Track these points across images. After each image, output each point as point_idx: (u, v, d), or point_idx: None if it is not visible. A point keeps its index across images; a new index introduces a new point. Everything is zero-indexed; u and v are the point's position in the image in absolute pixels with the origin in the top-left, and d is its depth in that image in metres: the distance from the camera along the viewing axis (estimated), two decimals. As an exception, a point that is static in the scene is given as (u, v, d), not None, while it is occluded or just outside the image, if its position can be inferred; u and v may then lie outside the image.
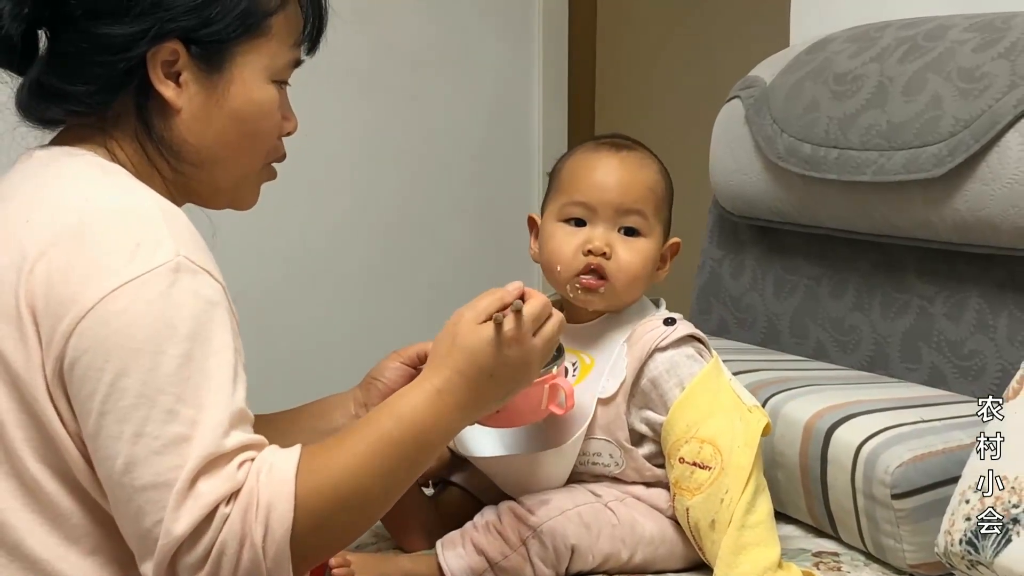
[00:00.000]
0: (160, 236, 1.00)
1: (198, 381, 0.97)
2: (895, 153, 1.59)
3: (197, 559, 0.96)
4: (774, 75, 1.85)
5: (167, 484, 0.95)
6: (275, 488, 0.98)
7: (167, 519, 0.95)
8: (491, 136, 3.02)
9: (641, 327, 1.39)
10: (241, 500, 0.97)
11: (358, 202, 2.74)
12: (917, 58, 1.62)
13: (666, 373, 1.37)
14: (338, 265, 2.73)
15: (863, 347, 1.74)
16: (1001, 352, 1.55)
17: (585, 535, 1.33)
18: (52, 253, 0.99)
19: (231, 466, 0.98)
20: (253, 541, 0.97)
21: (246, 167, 1.16)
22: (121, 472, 0.96)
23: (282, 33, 1.13)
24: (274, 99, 1.14)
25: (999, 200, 1.49)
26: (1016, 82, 1.48)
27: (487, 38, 2.97)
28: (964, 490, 1.21)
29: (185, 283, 0.99)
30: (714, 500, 1.29)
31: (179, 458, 0.95)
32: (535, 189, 3.13)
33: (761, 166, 1.82)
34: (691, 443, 1.33)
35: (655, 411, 1.37)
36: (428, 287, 2.89)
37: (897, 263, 1.70)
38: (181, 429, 0.96)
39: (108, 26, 1.05)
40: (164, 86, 1.08)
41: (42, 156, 1.10)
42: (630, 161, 1.40)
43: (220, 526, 0.96)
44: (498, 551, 1.31)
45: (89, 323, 0.96)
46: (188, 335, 0.97)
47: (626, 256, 1.36)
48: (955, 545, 1.19)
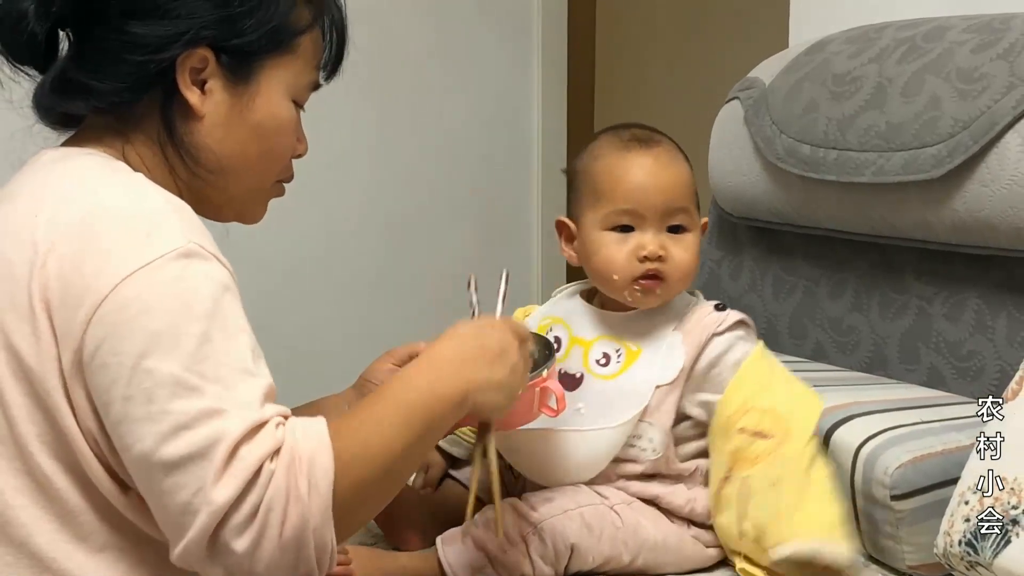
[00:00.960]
0: (169, 224, 1.02)
1: (220, 359, 0.98)
2: (894, 154, 1.59)
3: (243, 520, 0.96)
4: (773, 76, 1.85)
5: (203, 455, 0.95)
6: (314, 444, 0.99)
7: (208, 489, 0.94)
8: (490, 137, 3.02)
9: (693, 315, 1.41)
10: (283, 457, 0.97)
11: (356, 203, 2.74)
12: (916, 59, 1.62)
13: (723, 355, 1.38)
14: (337, 267, 2.74)
15: (862, 348, 1.74)
16: (1000, 353, 1.55)
17: (586, 535, 1.33)
18: (63, 246, 1.00)
19: (269, 427, 0.98)
20: (299, 495, 0.97)
21: (258, 181, 1.17)
22: (152, 452, 0.95)
23: (307, 54, 1.16)
24: (293, 117, 1.16)
25: (998, 201, 1.49)
26: (1015, 83, 1.48)
27: (486, 39, 2.97)
28: (963, 491, 1.21)
29: (197, 266, 1.00)
30: (776, 464, 1.31)
31: (212, 430, 0.95)
32: (534, 189, 3.13)
33: (760, 167, 1.82)
34: (751, 413, 1.34)
35: (709, 392, 1.38)
36: (427, 287, 2.89)
37: (896, 264, 1.71)
38: (210, 403, 0.96)
39: (143, 26, 1.07)
40: (190, 92, 1.09)
41: (51, 155, 1.11)
42: (664, 158, 1.40)
43: (266, 483, 0.96)
44: (497, 546, 1.31)
45: (105, 311, 0.97)
46: (206, 314, 0.98)
47: (679, 254, 1.38)
48: (954, 546, 1.19)
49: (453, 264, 2.97)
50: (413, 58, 2.79)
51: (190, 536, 0.96)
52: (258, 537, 0.96)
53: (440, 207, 2.93)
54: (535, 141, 3.11)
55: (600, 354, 1.42)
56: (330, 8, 1.19)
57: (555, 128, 3.16)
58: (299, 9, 1.14)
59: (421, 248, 2.90)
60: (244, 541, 0.95)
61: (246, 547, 0.95)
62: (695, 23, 3.16)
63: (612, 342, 1.42)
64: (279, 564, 0.97)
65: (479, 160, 3.00)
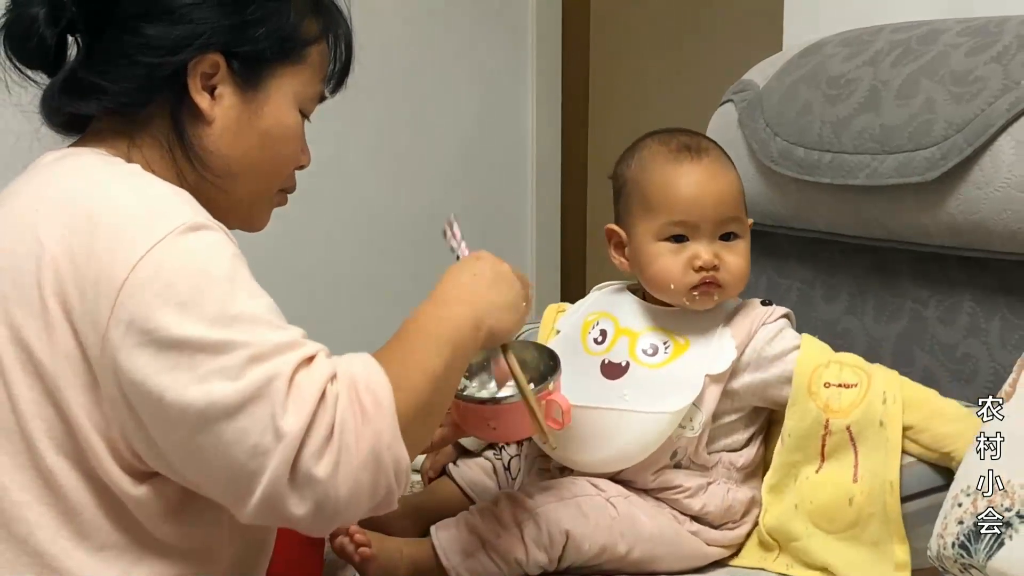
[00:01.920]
0: (171, 202, 1.04)
1: (250, 314, 1.00)
2: (888, 157, 1.59)
3: (320, 443, 0.97)
4: (767, 79, 1.85)
5: (262, 395, 0.96)
6: (366, 367, 1.03)
7: (278, 422, 0.96)
8: (485, 139, 3.02)
9: (742, 311, 1.45)
10: (343, 380, 1.01)
11: (347, 204, 2.74)
12: (910, 62, 1.62)
13: (774, 338, 1.44)
14: (328, 268, 2.73)
15: (856, 350, 1.73)
16: (993, 355, 1.55)
17: (582, 523, 1.34)
18: (70, 238, 1.01)
19: (320, 356, 1.02)
20: (367, 413, 1.00)
21: (263, 187, 1.19)
22: (202, 412, 0.96)
23: (315, 65, 1.18)
24: (299, 125, 1.19)
25: (992, 204, 1.49)
26: (1008, 86, 1.48)
27: (481, 41, 2.97)
28: (956, 493, 1.21)
29: (208, 236, 1.02)
30: (876, 405, 1.35)
31: (264, 371, 0.97)
32: (528, 190, 3.13)
33: (754, 170, 1.82)
34: (831, 367, 1.40)
35: (757, 371, 1.42)
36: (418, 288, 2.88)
37: (890, 266, 1.71)
38: (254, 351, 0.98)
39: (157, 28, 1.09)
40: (200, 96, 1.11)
41: (52, 155, 1.13)
42: (713, 168, 1.43)
43: (333, 404, 0.99)
44: (491, 530, 1.32)
45: (127, 294, 0.98)
46: (226, 277, 1.00)
47: (733, 261, 1.41)
48: (948, 548, 1.19)
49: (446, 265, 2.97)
50: (407, 60, 2.79)
51: (268, 477, 0.97)
52: (337, 457, 0.98)
53: (434, 208, 2.93)
54: (529, 142, 3.12)
55: (648, 344, 1.44)
56: (338, 23, 1.22)
57: (550, 129, 3.16)
58: (309, 20, 1.17)
59: (413, 249, 2.90)
60: (325, 464, 0.97)
61: (329, 470, 0.97)
62: (689, 25, 3.16)
63: (660, 334, 1.45)
64: (361, 483, 0.99)
65: (473, 161, 3.00)
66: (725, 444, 1.44)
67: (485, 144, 3.02)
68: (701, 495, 1.41)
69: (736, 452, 1.45)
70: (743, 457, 1.45)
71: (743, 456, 1.45)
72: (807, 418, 1.39)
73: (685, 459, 1.42)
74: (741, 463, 1.44)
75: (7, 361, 1.02)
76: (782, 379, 1.41)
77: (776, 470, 1.43)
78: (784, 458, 1.42)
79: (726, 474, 1.44)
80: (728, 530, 1.43)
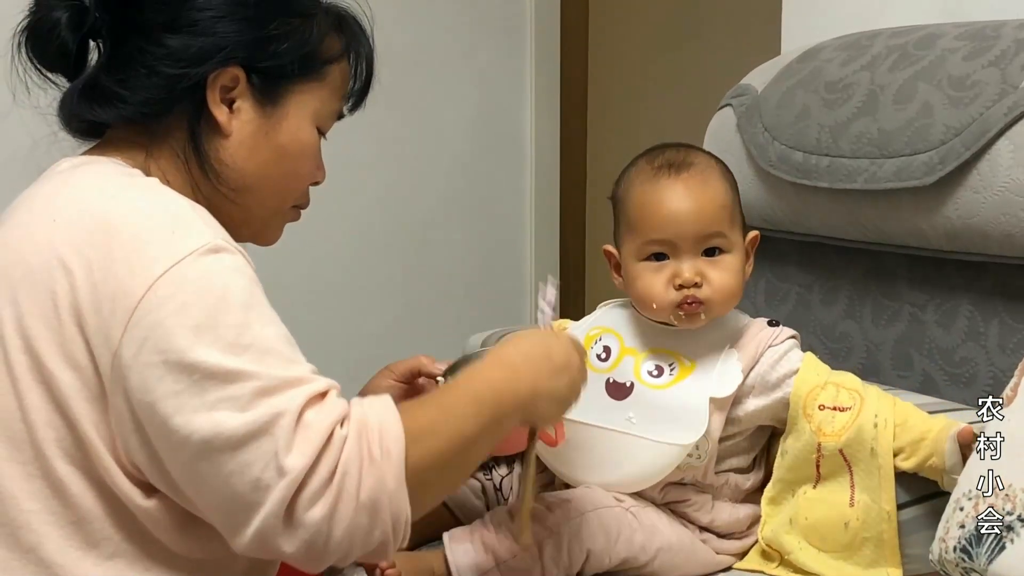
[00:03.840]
0: (192, 221, 1.03)
1: (263, 344, 0.99)
2: (886, 161, 1.60)
3: (320, 485, 0.96)
4: (765, 83, 1.85)
5: (268, 430, 0.95)
6: (382, 414, 1.01)
7: (281, 459, 0.95)
8: (484, 143, 3.02)
9: (748, 332, 1.43)
10: (354, 423, 0.99)
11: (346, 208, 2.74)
12: (908, 66, 1.62)
13: (780, 360, 1.41)
14: (323, 273, 2.73)
15: (855, 354, 1.75)
16: (992, 359, 1.56)
17: (603, 540, 1.33)
18: (88, 251, 1.00)
19: (332, 394, 1.00)
20: (373, 459, 0.98)
21: (277, 202, 1.19)
22: (207, 441, 0.96)
23: (335, 83, 1.18)
24: (316, 143, 1.19)
25: (990, 208, 1.49)
26: (1006, 90, 1.49)
27: (480, 46, 2.97)
28: (959, 497, 1.21)
29: (227, 260, 1.01)
30: (867, 429, 1.34)
31: (273, 406, 0.96)
32: (527, 196, 3.13)
33: (753, 174, 1.82)
34: (827, 388, 1.39)
35: (761, 396, 1.41)
36: (419, 294, 2.89)
37: (888, 271, 1.71)
38: (264, 383, 0.97)
39: (179, 39, 1.09)
40: (219, 109, 1.11)
41: (69, 162, 1.12)
42: (693, 183, 1.40)
43: (339, 447, 0.97)
44: (507, 550, 1.31)
45: (143, 312, 0.97)
46: (242, 304, 1.00)
47: (717, 277, 1.38)
48: (949, 552, 1.19)
49: (444, 270, 2.97)
50: (405, 64, 2.79)
51: (265, 511, 0.96)
52: (335, 501, 0.97)
53: (432, 213, 2.93)
54: (528, 148, 3.11)
55: (653, 366, 1.42)
56: (360, 41, 1.22)
57: (547, 135, 3.16)
58: (331, 38, 1.17)
59: (413, 255, 2.90)
60: (321, 507, 0.96)
61: (324, 513, 0.96)
62: (688, 30, 3.16)
63: (666, 355, 1.43)
64: (357, 529, 0.98)
65: (472, 166, 3.00)
66: (732, 464, 1.43)
67: (483, 150, 3.02)
68: (709, 509, 1.41)
69: (743, 475, 1.44)
70: (750, 480, 1.45)
71: (750, 479, 1.45)
72: (801, 439, 1.39)
73: (692, 480, 1.41)
74: (748, 486, 1.45)
75: (19, 371, 1.02)
76: (783, 402, 1.41)
77: (775, 484, 1.43)
78: (782, 473, 1.42)
79: (732, 495, 1.44)
80: (736, 540, 1.44)
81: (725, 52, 2.88)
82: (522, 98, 3.09)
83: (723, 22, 3.05)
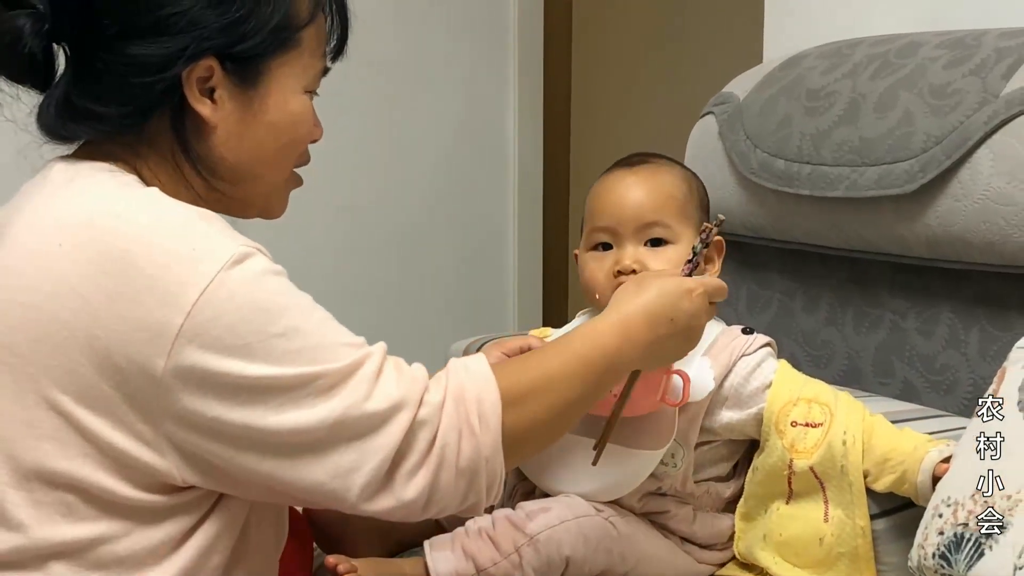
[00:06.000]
0: (208, 235, 1.01)
1: (315, 341, 1.00)
2: (867, 169, 1.60)
3: (418, 459, 1.01)
4: (747, 91, 1.86)
5: (341, 423, 0.99)
6: (479, 383, 1.04)
7: (369, 443, 0.99)
8: (466, 150, 3.02)
9: (721, 339, 1.41)
10: (452, 393, 1.02)
11: (330, 213, 2.73)
12: (889, 75, 1.63)
13: (753, 371, 1.39)
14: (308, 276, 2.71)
15: (836, 361, 1.75)
16: (972, 367, 1.56)
17: (582, 548, 1.32)
18: (102, 280, 0.98)
19: (401, 363, 1.05)
20: (472, 429, 1.01)
21: (278, 177, 1.16)
22: (295, 431, 0.98)
23: (312, 45, 1.13)
24: (308, 108, 1.15)
25: (970, 216, 1.50)
26: (987, 99, 1.49)
27: (463, 51, 2.97)
28: (937, 504, 1.21)
29: (253, 267, 1.01)
30: (836, 447, 1.32)
31: (341, 400, 0.99)
32: (510, 202, 3.13)
33: (735, 181, 1.83)
34: (799, 405, 1.37)
35: (735, 409, 1.39)
36: (401, 300, 2.88)
37: (870, 278, 1.71)
38: (324, 380, 0.99)
39: (143, 47, 1.04)
40: (200, 104, 1.07)
41: (62, 171, 1.08)
42: (643, 174, 1.41)
43: (437, 418, 1.01)
44: (488, 558, 1.30)
45: (183, 343, 0.96)
46: (282, 309, 1.00)
47: (657, 267, 1.37)
48: (928, 559, 1.19)
49: (426, 277, 2.96)
50: (388, 68, 2.79)
51: (363, 482, 1.00)
52: (436, 471, 1.01)
53: (415, 220, 2.93)
54: (511, 155, 3.12)
55: None
56: None
57: (531, 142, 3.16)
58: (298, 2, 1.11)
59: (394, 261, 2.89)
60: (423, 477, 1.01)
61: (425, 483, 1.01)
62: (670, 38, 3.17)
63: None
64: (455, 494, 1.03)
65: (454, 172, 3.00)
66: (711, 473, 1.42)
67: (467, 154, 3.02)
68: (690, 521, 1.41)
69: (723, 483, 1.44)
70: (731, 488, 1.44)
71: (731, 487, 1.44)
72: (773, 455, 1.38)
73: (671, 490, 1.41)
74: (728, 494, 1.44)
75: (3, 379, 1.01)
76: (758, 419, 1.39)
77: (747, 500, 1.43)
78: (754, 489, 1.42)
79: (712, 504, 1.43)
80: (718, 551, 1.43)
81: (707, 60, 2.89)
82: (505, 105, 3.10)
83: (705, 30, 3.06)
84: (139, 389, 0.98)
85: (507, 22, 3.07)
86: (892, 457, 1.30)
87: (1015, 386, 1.22)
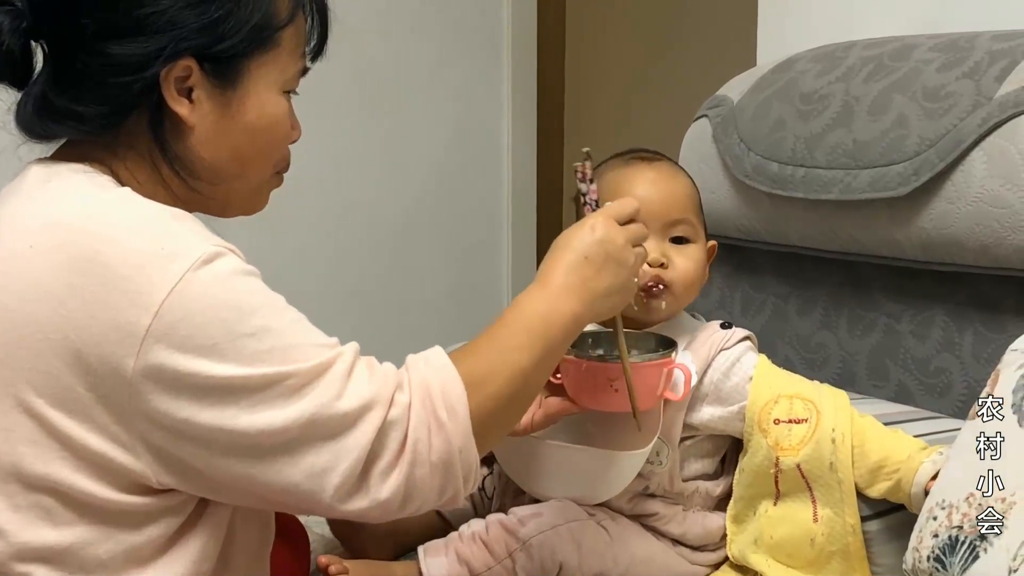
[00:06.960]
0: (179, 234, 1.01)
1: (286, 341, 1.00)
2: (861, 172, 1.60)
3: (391, 459, 1.01)
4: (741, 94, 1.86)
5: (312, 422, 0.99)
6: (441, 374, 1.04)
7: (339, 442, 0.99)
8: (461, 154, 3.02)
9: (701, 334, 1.42)
10: (416, 388, 1.03)
11: (325, 219, 2.73)
12: (882, 78, 1.63)
13: (733, 366, 1.40)
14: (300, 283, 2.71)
15: (831, 364, 1.75)
16: (967, 369, 1.56)
17: (574, 553, 1.32)
18: (74, 280, 0.98)
19: (373, 362, 1.04)
20: (442, 423, 1.02)
21: (259, 177, 1.16)
22: (255, 444, 0.98)
23: (291, 44, 1.13)
24: (286, 110, 1.14)
25: (964, 219, 1.50)
26: (980, 101, 1.49)
27: (456, 57, 2.97)
28: (932, 507, 1.21)
29: (222, 266, 1.00)
30: (825, 445, 1.32)
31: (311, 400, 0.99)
32: (504, 205, 3.13)
33: (729, 184, 1.83)
34: (781, 402, 1.37)
35: (715, 405, 1.40)
36: (396, 304, 2.88)
37: (864, 281, 1.71)
38: (294, 380, 0.99)
39: (121, 46, 1.04)
40: (178, 104, 1.07)
41: (39, 173, 1.08)
42: (665, 172, 1.44)
43: (406, 417, 1.01)
44: (482, 562, 1.31)
45: (152, 341, 0.96)
46: (253, 309, 1.00)
47: (682, 263, 1.40)
48: (923, 562, 1.19)
49: (421, 280, 2.96)
50: (382, 75, 2.79)
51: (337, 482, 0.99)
52: (410, 469, 1.01)
53: (409, 224, 2.92)
54: (505, 159, 3.11)
55: None
56: None
57: (525, 146, 3.16)
58: (278, 2, 1.11)
59: (389, 266, 2.89)
60: (397, 477, 1.01)
61: (399, 482, 1.01)
62: (664, 41, 3.17)
63: None
64: (431, 489, 1.03)
65: (449, 176, 3.00)
66: (698, 471, 1.43)
67: (461, 161, 3.02)
68: (680, 522, 1.41)
69: (712, 481, 1.44)
70: (720, 486, 1.44)
71: (720, 485, 1.44)
72: (758, 454, 1.38)
73: (659, 489, 1.40)
74: (718, 492, 1.44)
75: None
76: (739, 415, 1.40)
77: (736, 502, 1.43)
78: (741, 491, 1.42)
79: (703, 503, 1.43)
80: (710, 552, 1.43)
81: (701, 63, 2.89)
82: (499, 110, 3.09)
83: (699, 33, 3.06)
84: (112, 390, 0.98)
85: (500, 26, 3.07)
86: (886, 465, 1.30)
87: (1009, 389, 1.22)
